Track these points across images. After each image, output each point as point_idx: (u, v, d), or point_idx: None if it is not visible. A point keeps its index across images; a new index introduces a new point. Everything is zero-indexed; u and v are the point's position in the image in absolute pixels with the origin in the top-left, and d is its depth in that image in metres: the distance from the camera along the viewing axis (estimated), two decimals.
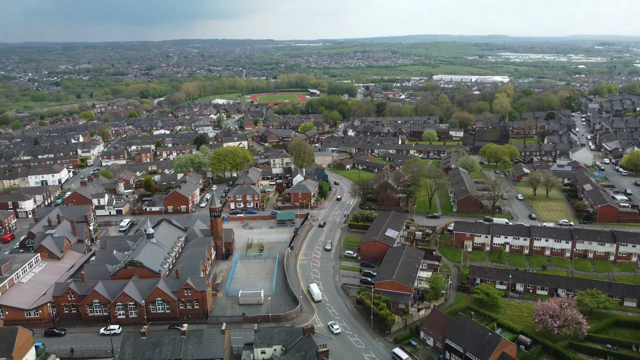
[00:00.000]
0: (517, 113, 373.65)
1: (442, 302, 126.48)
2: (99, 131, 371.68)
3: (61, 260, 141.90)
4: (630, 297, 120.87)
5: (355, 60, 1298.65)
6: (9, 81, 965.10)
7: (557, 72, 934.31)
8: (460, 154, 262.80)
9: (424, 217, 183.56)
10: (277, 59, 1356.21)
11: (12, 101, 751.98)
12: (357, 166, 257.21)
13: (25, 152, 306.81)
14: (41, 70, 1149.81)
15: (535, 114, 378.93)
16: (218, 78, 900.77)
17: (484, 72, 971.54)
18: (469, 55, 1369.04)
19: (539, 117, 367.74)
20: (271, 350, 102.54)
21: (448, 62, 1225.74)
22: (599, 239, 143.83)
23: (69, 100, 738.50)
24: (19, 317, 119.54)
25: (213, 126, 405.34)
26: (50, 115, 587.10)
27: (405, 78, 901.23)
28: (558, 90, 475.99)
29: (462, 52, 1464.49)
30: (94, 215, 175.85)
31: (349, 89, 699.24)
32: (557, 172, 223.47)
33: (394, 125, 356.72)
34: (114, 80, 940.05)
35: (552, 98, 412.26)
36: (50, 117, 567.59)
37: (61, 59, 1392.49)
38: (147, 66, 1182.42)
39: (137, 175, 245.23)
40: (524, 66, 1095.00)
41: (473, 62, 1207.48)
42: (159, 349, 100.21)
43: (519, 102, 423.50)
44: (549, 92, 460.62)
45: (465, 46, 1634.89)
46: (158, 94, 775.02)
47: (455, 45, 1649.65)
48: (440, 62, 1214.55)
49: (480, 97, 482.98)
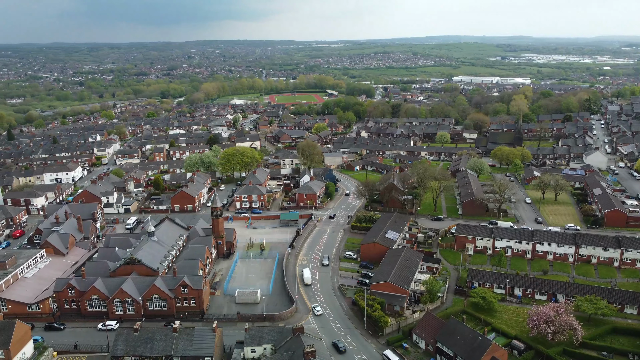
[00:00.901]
0: (533, 115, 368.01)
1: (438, 305, 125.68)
2: (116, 130, 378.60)
3: (66, 256, 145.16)
4: (631, 304, 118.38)
5: (376, 61, 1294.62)
6: (35, 81, 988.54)
7: (581, 74, 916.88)
8: (472, 156, 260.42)
9: (428, 219, 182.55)
10: (298, 60, 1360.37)
11: (38, 100, 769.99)
12: (366, 167, 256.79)
13: (44, 150, 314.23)
14: (67, 70, 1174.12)
15: (552, 117, 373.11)
16: (238, 79, 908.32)
17: (505, 74, 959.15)
18: (491, 57, 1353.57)
19: (556, 120, 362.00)
20: (261, 349, 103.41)
21: (469, 63, 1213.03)
22: (602, 244, 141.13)
23: (91, 100, 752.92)
24: (21, 311, 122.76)
25: (228, 126, 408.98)
26: (72, 114, 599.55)
27: (424, 79, 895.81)
28: (578, 92, 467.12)
29: (484, 53, 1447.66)
30: (101, 213, 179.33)
31: (367, 90, 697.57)
32: (568, 175, 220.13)
33: (407, 127, 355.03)
34: (136, 81, 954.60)
35: (570, 100, 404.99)
36: (72, 116, 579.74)
37: (86, 59, 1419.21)
38: (169, 66, 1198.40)
39: (148, 174, 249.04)
40: (547, 67, 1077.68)
41: (495, 64, 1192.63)
42: (151, 345, 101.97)
43: (537, 104, 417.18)
44: (569, 95, 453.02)
45: (487, 47, 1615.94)
46: (178, 94, 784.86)
47: (478, 47, 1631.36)
48: (462, 64, 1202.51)
49: (499, 98, 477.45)
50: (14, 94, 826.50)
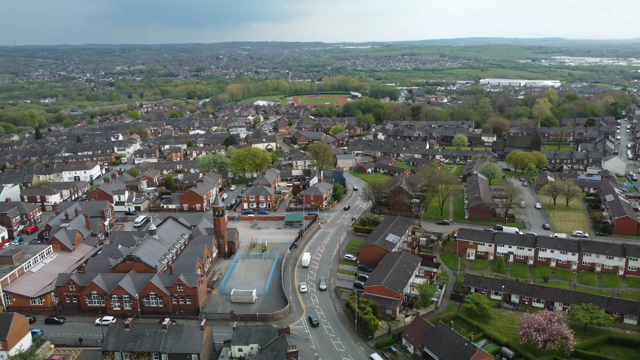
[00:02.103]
0: (555, 119, 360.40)
1: (432, 310, 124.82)
2: (138, 130, 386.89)
3: (72, 252, 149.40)
4: (631, 314, 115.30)
5: (403, 63, 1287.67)
6: (68, 81, 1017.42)
7: (614, 77, 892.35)
8: (488, 160, 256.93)
9: (434, 223, 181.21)
10: (324, 62, 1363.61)
11: (69, 100, 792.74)
12: (378, 170, 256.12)
13: (67, 149, 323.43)
14: (99, 70, 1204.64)
15: (576, 120, 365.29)
16: (263, 80, 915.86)
17: (534, 76, 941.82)
18: (521, 59, 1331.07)
19: (579, 124, 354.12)
20: (248, 348, 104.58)
21: (498, 65, 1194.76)
22: (607, 252, 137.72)
23: (120, 100, 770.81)
24: (24, 304, 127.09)
25: (247, 127, 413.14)
26: (100, 114, 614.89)
27: (450, 81, 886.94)
28: (604, 95, 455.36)
29: (514, 55, 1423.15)
30: (111, 211, 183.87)
31: (390, 92, 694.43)
32: (583, 181, 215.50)
33: (424, 130, 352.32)
34: (164, 81, 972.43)
35: (596, 104, 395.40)
36: (99, 116, 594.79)
37: (118, 60, 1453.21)
38: (197, 68, 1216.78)
39: (163, 173, 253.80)
40: (578, 70, 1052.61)
41: (525, 66, 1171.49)
42: (140, 341, 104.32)
43: (561, 108, 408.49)
44: (596, 98, 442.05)
45: (518, 49, 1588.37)
46: (204, 95, 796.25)
47: (508, 48, 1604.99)
48: (490, 66, 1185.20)
49: (523, 102, 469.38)
50: (47, 93, 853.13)
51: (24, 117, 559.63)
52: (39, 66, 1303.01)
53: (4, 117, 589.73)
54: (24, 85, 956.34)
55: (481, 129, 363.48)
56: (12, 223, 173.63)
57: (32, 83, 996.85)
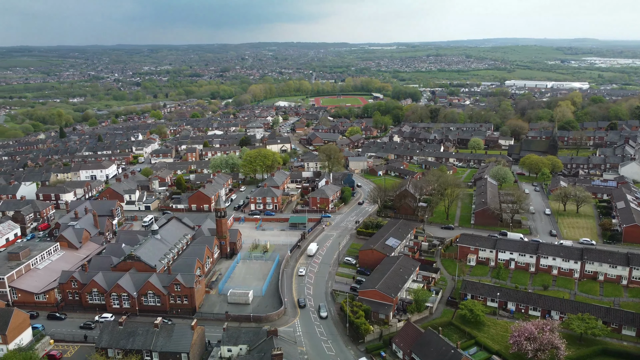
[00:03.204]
0: (576, 122, 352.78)
1: (426, 316, 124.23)
2: (158, 130, 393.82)
3: (79, 250, 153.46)
4: (629, 325, 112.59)
5: (427, 64, 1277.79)
6: (97, 81, 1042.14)
7: None
8: (502, 164, 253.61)
9: (438, 227, 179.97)
10: (349, 62, 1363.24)
11: (96, 100, 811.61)
12: (389, 173, 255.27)
13: (88, 148, 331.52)
14: (127, 71, 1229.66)
15: (598, 124, 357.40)
16: (286, 80, 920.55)
17: (562, 78, 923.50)
18: (549, 60, 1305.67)
19: (601, 128, 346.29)
20: (237, 349, 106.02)
21: (525, 66, 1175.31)
22: (610, 260, 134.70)
23: (145, 100, 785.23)
24: (29, 299, 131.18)
25: (265, 128, 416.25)
26: (125, 113, 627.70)
27: (475, 83, 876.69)
28: (630, 98, 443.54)
29: (542, 56, 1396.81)
30: (120, 210, 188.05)
31: (412, 93, 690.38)
32: (598, 187, 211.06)
33: (441, 132, 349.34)
34: (189, 82, 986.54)
35: (620, 107, 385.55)
36: (124, 116, 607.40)
37: (146, 61, 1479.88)
38: (222, 68, 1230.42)
39: (177, 173, 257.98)
40: (609, 72, 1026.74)
41: (553, 67, 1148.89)
42: (132, 339, 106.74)
43: (583, 111, 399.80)
44: (622, 101, 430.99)
45: (546, 50, 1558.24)
46: (227, 95, 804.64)
47: (536, 49, 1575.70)
48: (517, 67, 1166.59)
49: (546, 104, 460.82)
50: (76, 93, 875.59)
51: (52, 116, 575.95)
52: (70, 66, 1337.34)
53: (34, 116, 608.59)
54: (55, 85, 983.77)
55: (499, 132, 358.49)
56: (25, 220, 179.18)
57: (62, 83, 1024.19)
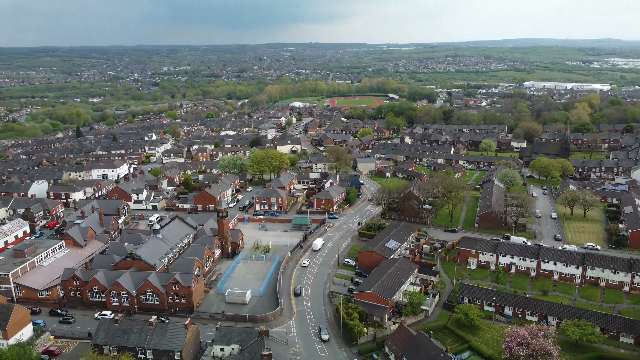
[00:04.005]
0: (591, 125, 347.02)
1: (421, 319, 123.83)
2: (171, 130, 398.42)
3: (83, 248, 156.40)
4: (628, 332, 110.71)
5: (445, 64, 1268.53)
6: (117, 81, 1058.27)
7: None
8: (512, 166, 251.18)
9: (442, 230, 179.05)
10: (366, 63, 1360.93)
11: (115, 99, 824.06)
12: (397, 174, 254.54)
13: (102, 147, 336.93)
14: (146, 71, 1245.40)
15: (615, 127, 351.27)
16: (302, 81, 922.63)
17: (583, 79, 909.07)
18: (570, 61, 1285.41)
19: (617, 130, 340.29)
20: (229, 348, 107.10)
21: (546, 67, 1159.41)
22: (611, 266, 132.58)
23: (163, 100, 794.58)
24: (32, 296, 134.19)
25: (278, 129, 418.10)
26: (142, 113, 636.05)
27: (492, 84, 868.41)
28: None
29: (563, 57, 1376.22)
30: (127, 209, 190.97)
31: (428, 94, 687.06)
32: (608, 191, 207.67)
33: (452, 134, 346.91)
34: (207, 82, 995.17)
35: (638, 109, 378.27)
36: (141, 115, 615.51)
37: (165, 61, 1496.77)
38: (240, 68, 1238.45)
39: (187, 173, 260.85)
40: (632, 73, 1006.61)
41: (574, 68, 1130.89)
42: (127, 336, 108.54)
43: (600, 113, 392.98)
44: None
45: (568, 51, 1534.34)
46: (244, 96, 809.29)
47: (557, 50, 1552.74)
48: (537, 68, 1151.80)
49: (563, 106, 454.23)
50: (96, 93, 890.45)
51: (71, 116, 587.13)
52: (91, 66, 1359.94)
53: (54, 115, 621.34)
54: (76, 85, 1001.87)
55: (512, 134, 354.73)
56: (35, 218, 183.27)
57: (83, 83, 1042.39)
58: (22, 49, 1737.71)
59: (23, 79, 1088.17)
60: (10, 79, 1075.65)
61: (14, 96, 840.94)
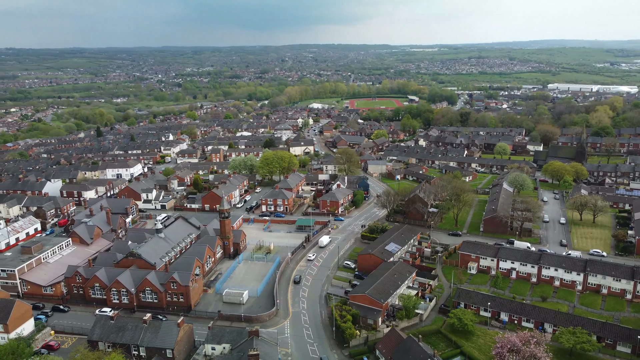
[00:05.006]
0: (611, 129, 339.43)
1: (416, 323, 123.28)
2: (188, 131, 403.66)
3: (89, 246, 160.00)
4: (624, 341, 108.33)
5: (469, 66, 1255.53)
6: (141, 82, 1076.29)
7: None
8: (525, 170, 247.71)
9: (446, 233, 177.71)
10: (388, 64, 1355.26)
11: (138, 100, 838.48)
12: (407, 177, 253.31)
13: (120, 147, 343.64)
14: (170, 72, 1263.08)
15: (637, 130, 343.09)
16: (323, 82, 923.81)
17: (609, 82, 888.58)
18: (598, 63, 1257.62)
19: (639, 134, 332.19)
20: (220, 347, 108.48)
21: (571, 69, 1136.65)
22: (613, 273, 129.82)
23: (185, 101, 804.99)
24: (37, 291, 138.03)
25: (293, 130, 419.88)
26: (163, 114, 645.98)
27: (515, 86, 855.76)
28: None
29: (591, 58, 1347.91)
30: (135, 208, 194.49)
31: (449, 96, 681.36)
32: (622, 196, 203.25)
33: (467, 137, 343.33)
34: (229, 83, 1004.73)
35: None
36: (162, 116, 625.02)
37: (189, 62, 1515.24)
38: (262, 70, 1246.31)
39: (199, 173, 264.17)
40: None
41: (601, 70, 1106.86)
42: (122, 333, 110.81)
43: (622, 117, 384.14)
44: None
45: (595, 52, 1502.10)
46: (264, 97, 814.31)
47: (584, 51, 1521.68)
48: (563, 70, 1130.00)
49: (584, 109, 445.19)
50: (120, 93, 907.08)
51: (94, 116, 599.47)
52: (117, 67, 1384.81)
53: (78, 115, 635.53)
54: (101, 86, 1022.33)
55: (529, 137, 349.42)
56: (46, 216, 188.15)
57: (108, 83, 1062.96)
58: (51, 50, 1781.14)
59: (51, 79, 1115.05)
60: (39, 80, 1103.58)
61: (41, 96, 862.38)
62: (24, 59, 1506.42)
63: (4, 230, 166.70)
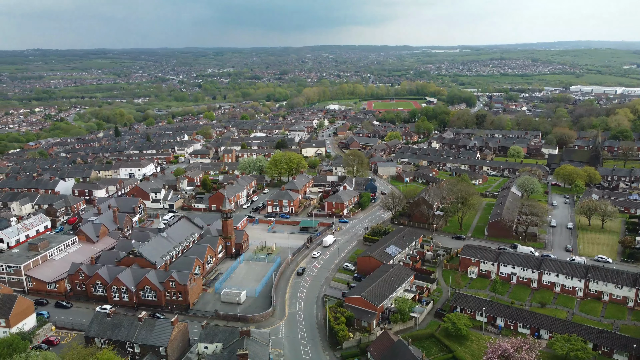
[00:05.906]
0: (630, 132, 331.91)
1: (410, 326, 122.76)
2: (203, 131, 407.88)
3: (95, 244, 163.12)
4: (621, 350, 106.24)
5: (490, 67, 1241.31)
6: (162, 82, 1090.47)
7: None
8: (537, 174, 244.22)
9: (450, 237, 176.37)
10: (408, 66, 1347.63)
11: (159, 100, 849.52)
12: (417, 179, 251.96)
13: (135, 147, 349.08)
14: (191, 73, 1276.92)
15: None
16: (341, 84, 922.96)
17: (635, 84, 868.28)
18: (624, 64, 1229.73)
19: None
20: (213, 346, 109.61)
21: (596, 71, 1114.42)
22: (615, 280, 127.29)
23: (204, 101, 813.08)
24: (42, 288, 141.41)
25: (308, 131, 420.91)
26: (182, 114, 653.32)
27: (537, 88, 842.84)
28: None
29: (617, 60, 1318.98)
30: (143, 208, 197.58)
31: (468, 98, 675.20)
32: (635, 202, 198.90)
33: (481, 139, 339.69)
34: (248, 84, 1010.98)
35: None
36: (180, 116, 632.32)
37: (210, 63, 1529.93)
38: (282, 71, 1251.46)
39: (210, 173, 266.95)
40: None
41: (627, 72, 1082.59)
42: (118, 330, 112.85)
43: None
44: None
45: (622, 53, 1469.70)
46: (283, 98, 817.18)
47: (610, 53, 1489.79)
48: (587, 72, 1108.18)
49: (605, 112, 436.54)
50: (141, 94, 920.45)
51: (115, 116, 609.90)
52: (140, 68, 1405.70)
53: (99, 115, 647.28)
54: (124, 86, 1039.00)
55: (544, 140, 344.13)
56: (57, 214, 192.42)
57: (130, 84, 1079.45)
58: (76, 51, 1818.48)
59: (75, 79, 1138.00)
60: (64, 80, 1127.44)
61: (65, 96, 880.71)
62: (50, 60, 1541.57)
63: (14, 228, 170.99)
